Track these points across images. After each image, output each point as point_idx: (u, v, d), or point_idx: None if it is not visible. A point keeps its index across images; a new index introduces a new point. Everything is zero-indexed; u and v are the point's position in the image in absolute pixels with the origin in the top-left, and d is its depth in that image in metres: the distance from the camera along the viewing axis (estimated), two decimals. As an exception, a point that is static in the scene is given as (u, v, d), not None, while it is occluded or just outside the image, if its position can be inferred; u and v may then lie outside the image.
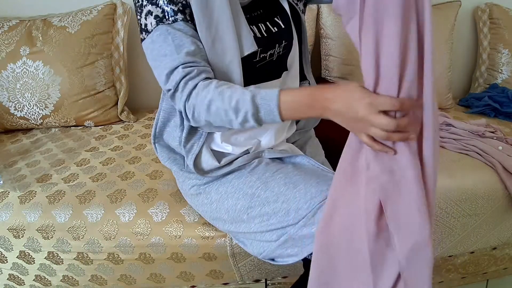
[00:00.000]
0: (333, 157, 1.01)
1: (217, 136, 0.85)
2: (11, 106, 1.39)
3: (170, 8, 0.72)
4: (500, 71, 1.70)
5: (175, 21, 0.72)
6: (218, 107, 0.69)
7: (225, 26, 0.72)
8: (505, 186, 1.13)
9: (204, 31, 0.73)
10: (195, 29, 0.73)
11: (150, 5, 0.73)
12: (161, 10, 0.72)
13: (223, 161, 0.84)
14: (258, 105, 0.67)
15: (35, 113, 1.41)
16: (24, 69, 1.37)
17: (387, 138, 0.59)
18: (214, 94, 0.69)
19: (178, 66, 0.70)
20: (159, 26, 0.72)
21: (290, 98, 0.66)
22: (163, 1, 0.72)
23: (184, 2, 0.73)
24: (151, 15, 0.73)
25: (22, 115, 1.41)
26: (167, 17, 0.72)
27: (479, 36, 1.76)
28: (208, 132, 0.83)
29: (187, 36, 0.72)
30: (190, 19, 0.73)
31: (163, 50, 0.71)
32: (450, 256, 1.22)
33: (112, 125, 1.50)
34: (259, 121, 0.69)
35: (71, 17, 1.44)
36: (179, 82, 0.71)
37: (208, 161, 0.83)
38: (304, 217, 0.71)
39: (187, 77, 0.71)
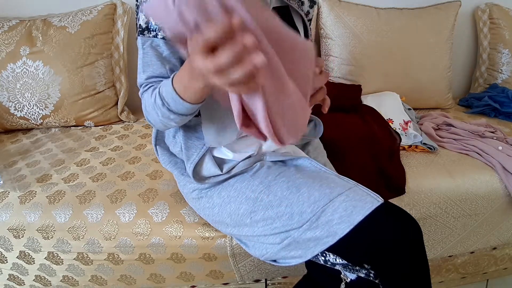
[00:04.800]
0: (335, 157, 1.02)
1: None
2: (11, 106, 1.39)
3: (155, 23, 0.73)
4: (500, 71, 1.70)
5: (155, 36, 0.73)
6: (150, 110, 0.73)
7: None
8: (505, 186, 1.14)
9: None
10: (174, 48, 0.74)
11: (140, 12, 0.75)
12: (146, 20, 0.74)
13: (225, 169, 0.83)
14: (164, 97, 0.67)
15: (35, 113, 1.41)
16: (24, 69, 1.37)
17: (223, 86, 0.46)
18: (146, 101, 0.74)
19: (142, 85, 0.77)
20: (139, 36, 0.75)
21: (179, 73, 0.65)
22: None
23: None
24: (139, 21, 0.75)
25: (22, 115, 1.41)
26: (148, 31, 0.74)
27: (479, 36, 1.76)
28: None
29: (158, 57, 0.74)
30: None
31: (138, 60, 0.78)
32: (450, 256, 1.22)
33: (112, 125, 1.50)
34: (174, 111, 0.68)
35: (71, 17, 1.44)
36: (140, 96, 0.78)
37: (210, 169, 0.83)
38: (308, 220, 0.71)
39: (143, 94, 0.77)
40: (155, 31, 0.73)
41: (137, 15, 0.76)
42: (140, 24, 0.75)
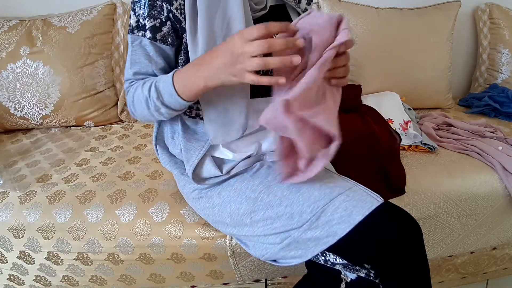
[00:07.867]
0: (334, 157, 1.01)
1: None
2: (11, 106, 1.39)
3: (145, 23, 0.74)
4: (500, 71, 1.70)
5: (143, 36, 0.75)
6: (140, 102, 0.76)
7: (237, 25, 0.72)
8: (505, 186, 1.14)
9: (212, 28, 0.72)
10: (162, 49, 0.76)
11: (132, 11, 0.76)
12: (136, 19, 0.75)
13: (225, 169, 0.83)
14: (160, 91, 0.72)
15: (35, 113, 1.41)
16: (24, 69, 1.37)
17: (265, 65, 0.60)
18: (135, 92, 0.77)
19: (129, 79, 0.80)
20: (129, 34, 0.77)
21: (182, 72, 0.70)
22: (143, 13, 0.74)
23: (163, 19, 0.73)
24: (130, 19, 0.77)
25: (22, 115, 1.41)
26: (138, 30, 0.75)
27: (479, 36, 1.76)
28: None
29: (146, 56, 0.76)
30: (161, 38, 0.75)
31: (127, 56, 0.80)
32: (450, 256, 1.22)
33: (112, 125, 1.50)
34: (167, 105, 0.73)
35: (71, 17, 1.44)
36: (126, 90, 0.82)
37: (210, 171, 0.83)
38: (308, 220, 0.71)
39: (129, 88, 0.80)
40: (144, 30, 0.74)
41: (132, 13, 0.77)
42: (130, 23, 0.76)
